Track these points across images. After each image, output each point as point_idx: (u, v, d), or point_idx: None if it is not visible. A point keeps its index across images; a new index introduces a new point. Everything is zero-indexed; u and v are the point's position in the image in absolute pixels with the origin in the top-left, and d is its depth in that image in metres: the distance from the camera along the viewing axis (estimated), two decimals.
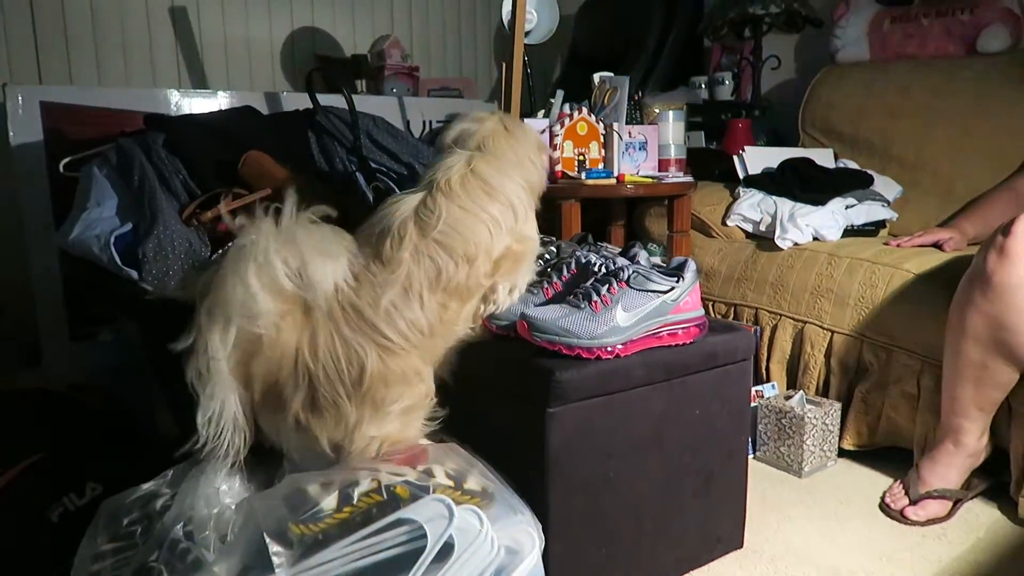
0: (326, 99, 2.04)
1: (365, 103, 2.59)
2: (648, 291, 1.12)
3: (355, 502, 0.85)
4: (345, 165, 1.82)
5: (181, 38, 2.85)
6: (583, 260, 1.19)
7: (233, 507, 0.90)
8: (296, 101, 2.52)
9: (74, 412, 1.49)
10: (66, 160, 1.74)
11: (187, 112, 2.42)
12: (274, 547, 0.80)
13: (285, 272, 0.97)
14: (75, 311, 2.27)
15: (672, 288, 1.14)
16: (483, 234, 1.08)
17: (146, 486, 0.97)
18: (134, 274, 1.38)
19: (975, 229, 1.79)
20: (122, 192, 1.56)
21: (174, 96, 2.44)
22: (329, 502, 0.86)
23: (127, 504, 0.95)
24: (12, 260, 2.36)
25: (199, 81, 2.89)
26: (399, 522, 0.82)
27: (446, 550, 0.83)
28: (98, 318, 2.24)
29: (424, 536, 0.82)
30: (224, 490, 0.92)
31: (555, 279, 1.19)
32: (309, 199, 1.52)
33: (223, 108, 2.45)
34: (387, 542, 0.82)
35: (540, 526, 0.96)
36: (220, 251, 1.46)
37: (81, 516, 1.26)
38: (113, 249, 1.40)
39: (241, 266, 0.96)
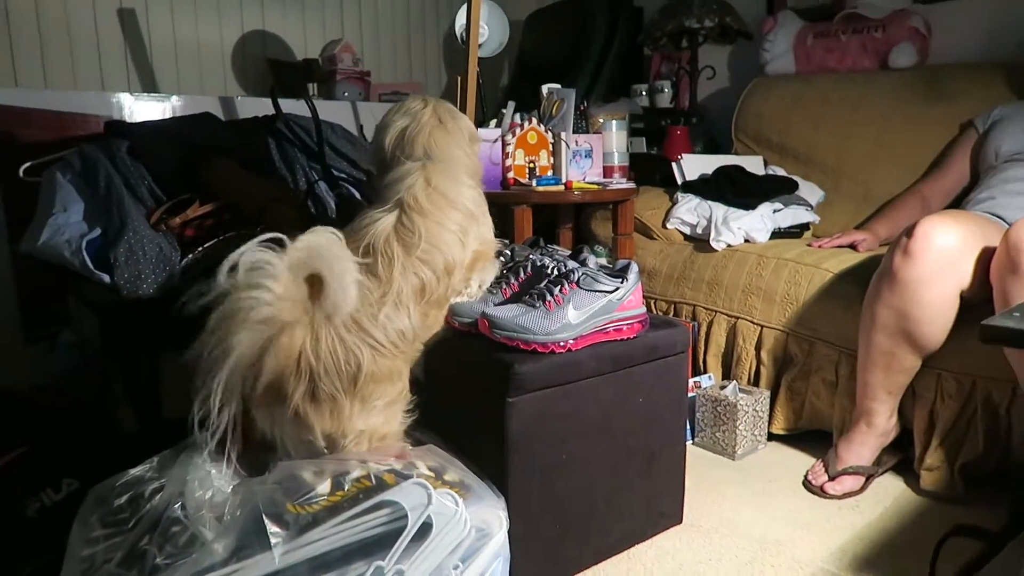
0: (283, 105, 2.09)
1: (317, 107, 2.65)
2: (596, 291, 1.24)
3: (346, 488, 0.94)
4: (306, 172, 1.89)
5: (130, 40, 2.84)
6: (538, 264, 1.30)
7: (228, 489, 0.98)
8: (251, 105, 2.56)
9: (44, 411, 1.53)
10: (27, 165, 1.76)
11: (140, 116, 2.43)
12: (272, 527, 0.88)
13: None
14: (30, 314, 2.27)
15: (617, 288, 1.27)
16: (456, 246, 1.19)
17: (134, 471, 1.03)
18: (106, 278, 1.44)
19: (886, 230, 1.98)
20: (88, 197, 1.60)
21: (127, 100, 2.45)
22: (323, 487, 0.95)
23: (116, 488, 1.01)
24: None
25: (149, 84, 2.89)
26: (382, 504, 0.92)
27: (424, 530, 0.93)
28: (53, 320, 2.25)
29: (405, 517, 0.92)
30: (215, 474, 1.00)
31: (512, 280, 1.30)
32: (275, 207, 1.60)
33: (179, 114, 2.48)
34: (371, 522, 0.91)
35: (506, 509, 1.07)
36: (190, 255, 1.52)
37: (58, 511, 1.31)
38: (85, 254, 1.45)
39: (267, 282, 1.01)
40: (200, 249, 1.50)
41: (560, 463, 1.25)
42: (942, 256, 1.40)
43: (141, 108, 2.48)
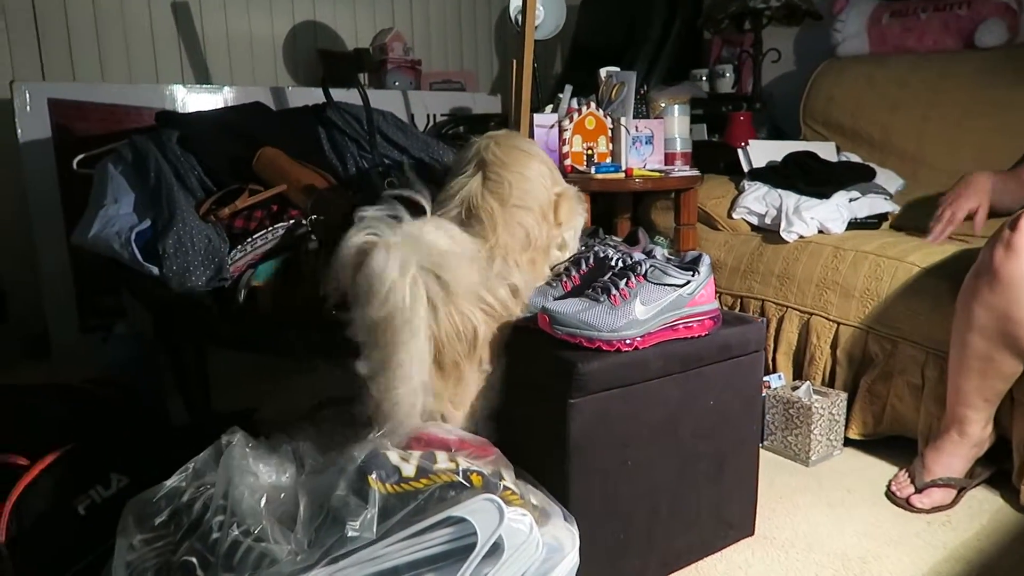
0: (334, 94, 2.05)
1: (368, 96, 2.61)
2: (665, 285, 1.15)
3: (432, 474, 0.88)
4: (356, 161, 1.84)
5: (183, 33, 2.85)
6: (601, 255, 1.22)
7: (281, 483, 0.93)
8: (302, 95, 2.53)
9: (95, 405, 1.51)
10: (80, 157, 1.75)
11: (193, 107, 2.43)
12: (350, 523, 0.82)
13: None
14: (86, 305, 2.28)
15: (688, 282, 1.17)
16: (541, 190, 1.21)
17: (169, 482, 0.99)
18: (155, 270, 1.40)
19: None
20: (138, 189, 1.58)
21: (179, 92, 2.45)
22: (408, 469, 0.88)
23: (154, 503, 0.96)
24: (22, 255, 2.37)
25: (202, 76, 2.89)
26: (450, 520, 0.85)
27: (494, 549, 0.86)
28: (108, 311, 2.26)
29: (474, 534, 0.85)
30: (264, 473, 0.95)
31: (573, 272, 1.22)
32: (324, 196, 1.55)
33: (231, 104, 2.47)
34: (439, 538, 0.84)
35: (576, 525, 0.99)
36: (239, 245, 1.48)
37: (107, 507, 1.28)
38: (134, 246, 1.42)
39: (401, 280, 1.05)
40: (248, 240, 1.45)
41: (623, 468, 1.16)
42: None
43: (194, 99, 2.48)
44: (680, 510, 1.25)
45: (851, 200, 1.97)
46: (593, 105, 1.90)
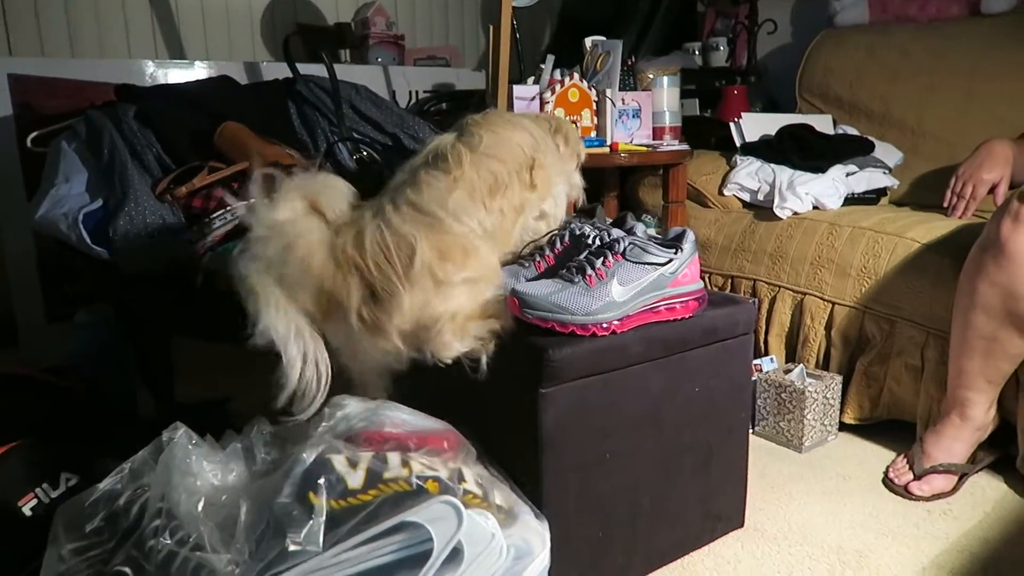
0: (309, 69, 1.96)
1: (349, 72, 2.50)
2: (645, 264, 1.06)
3: (382, 484, 0.80)
4: (327, 136, 1.74)
5: (156, 6, 2.74)
6: (576, 232, 1.13)
7: (223, 484, 0.85)
8: (276, 71, 2.43)
9: (48, 397, 1.43)
10: (34, 134, 1.66)
11: (163, 83, 2.33)
12: (291, 535, 0.74)
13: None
14: (52, 291, 2.20)
15: (670, 260, 1.08)
16: (516, 148, 1.16)
17: (103, 484, 0.90)
18: (104, 253, 1.32)
19: None
20: (91, 167, 1.49)
21: (149, 67, 2.36)
22: (355, 480, 0.80)
23: (87, 507, 0.88)
24: None
25: (176, 51, 2.78)
26: (405, 525, 0.77)
27: (454, 556, 0.78)
28: (76, 298, 2.17)
29: (430, 540, 0.77)
30: (208, 473, 0.87)
31: (547, 252, 1.13)
32: (289, 172, 1.45)
33: (199, 78, 2.37)
34: (392, 545, 0.76)
35: (547, 525, 0.91)
36: (196, 226, 1.39)
37: (55, 509, 1.20)
38: (82, 227, 1.33)
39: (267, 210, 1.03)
40: (205, 220, 1.36)
41: (602, 461, 1.08)
42: None
43: (165, 74, 2.38)
44: (664, 504, 1.17)
45: (848, 174, 1.88)
46: (577, 76, 1.81)
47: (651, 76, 1.97)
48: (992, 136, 1.79)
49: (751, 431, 1.64)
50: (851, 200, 1.87)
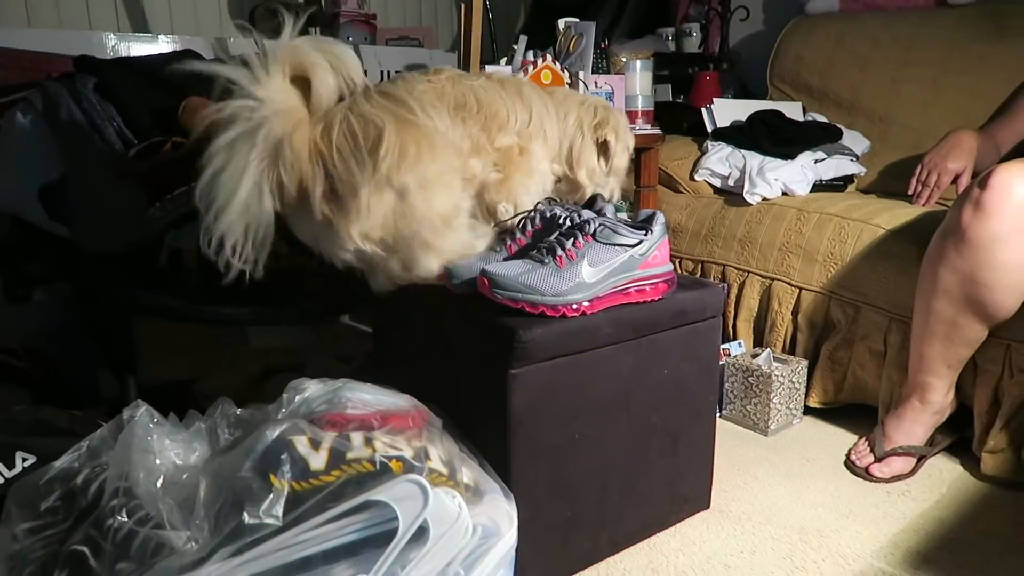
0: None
1: None
2: (615, 245, 1.06)
3: (344, 464, 0.78)
4: None
5: None
6: (548, 214, 1.12)
7: (185, 462, 0.83)
8: (244, 47, 2.38)
9: (5, 377, 1.39)
10: None
11: (124, 56, 2.26)
12: (249, 509, 0.73)
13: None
14: (8, 270, 2.13)
15: (640, 242, 1.09)
16: (502, 111, 1.16)
17: (59, 463, 0.88)
18: (63, 229, 1.28)
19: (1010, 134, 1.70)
20: (49, 141, 1.44)
21: (111, 39, 2.29)
22: (317, 461, 0.79)
23: (41, 487, 0.86)
24: None
25: (139, 24, 2.70)
26: (370, 504, 0.76)
27: (419, 535, 0.77)
28: (34, 277, 2.11)
29: (396, 519, 0.76)
30: (170, 451, 0.85)
31: (519, 235, 1.13)
32: None
33: (162, 52, 2.31)
34: (359, 523, 0.75)
35: (515, 504, 0.91)
36: (158, 203, 1.36)
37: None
38: (39, 203, 1.29)
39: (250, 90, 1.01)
40: (168, 198, 1.33)
41: (571, 443, 1.08)
42: (1022, 211, 1.20)
43: (126, 47, 2.31)
44: (632, 486, 1.18)
45: (816, 161, 1.90)
46: (550, 58, 1.79)
47: (624, 60, 1.97)
48: (957, 125, 1.82)
49: (719, 414, 1.66)
50: (819, 187, 1.89)
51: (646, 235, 1.09)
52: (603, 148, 1.35)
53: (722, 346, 1.70)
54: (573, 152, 1.31)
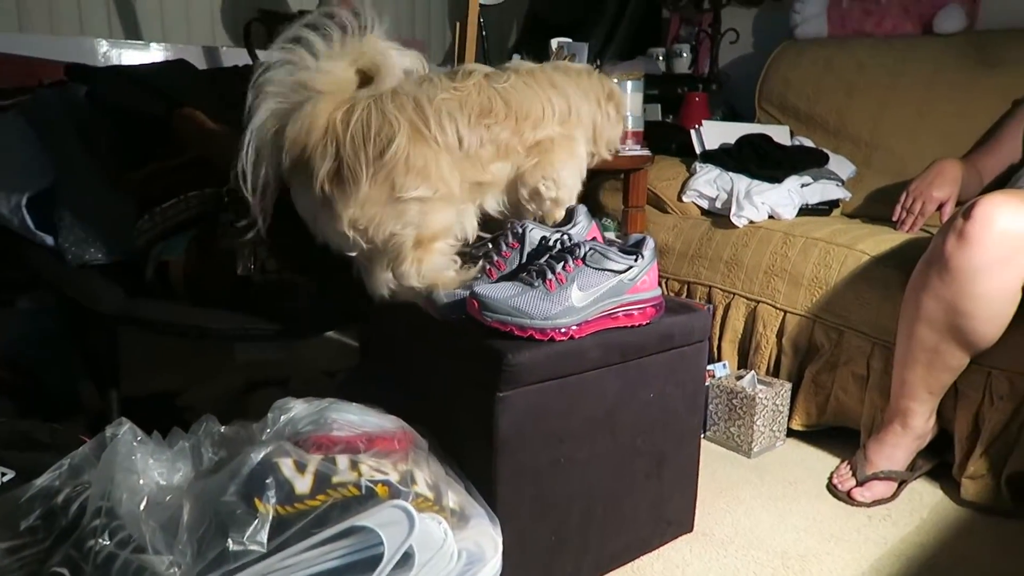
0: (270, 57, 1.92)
1: None
2: (605, 270, 1.07)
3: (330, 489, 0.78)
4: None
5: None
6: (519, 230, 1.13)
7: (169, 483, 0.82)
8: (236, 56, 2.38)
9: None
10: None
11: (116, 64, 2.26)
12: (233, 535, 0.72)
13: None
14: None
15: (630, 267, 1.09)
16: (536, 108, 1.18)
17: (40, 481, 0.87)
18: (49, 239, 1.27)
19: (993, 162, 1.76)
20: (38, 149, 1.43)
21: (102, 46, 2.28)
22: (302, 485, 0.78)
23: (21, 504, 0.85)
24: None
25: (131, 31, 2.69)
26: (355, 529, 0.76)
27: (404, 560, 0.77)
28: (15, 284, 2.09)
29: (381, 544, 0.76)
30: (153, 471, 0.84)
31: (496, 257, 1.13)
32: None
33: (155, 61, 2.31)
34: (344, 548, 0.75)
35: (500, 528, 0.91)
36: (147, 215, 1.35)
37: None
38: (26, 212, 1.28)
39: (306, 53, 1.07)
40: (158, 209, 1.32)
41: (557, 466, 1.08)
42: (1005, 242, 1.22)
43: (119, 55, 2.30)
44: (617, 509, 1.18)
45: (803, 185, 1.92)
46: None
47: (615, 80, 1.98)
48: (941, 153, 1.86)
49: (702, 436, 1.67)
50: (805, 211, 1.91)
51: (636, 260, 1.09)
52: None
53: (707, 367, 1.71)
54: (596, 129, 1.32)
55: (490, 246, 1.17)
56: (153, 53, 2.36)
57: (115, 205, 1.33)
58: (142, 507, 0.80)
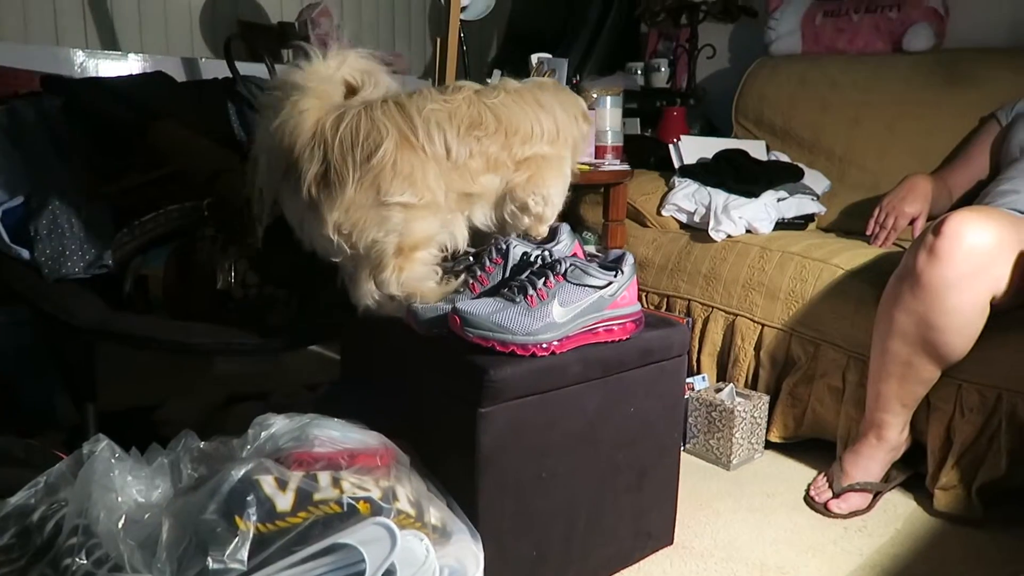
0: (250, 68, 1.91)
1: (277, 71, 2.46)
2: (585, 286, 1.08)
3: (311, 506, 0.78)
4: None
5: None
6: (503, 246, 1.14)
7: (148, 511, 0.81)
8: (215, 69, 2.37)
9: None
10: None
11: (92, 74, 2.24)
12: (213, 553, 0.71)
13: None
14: None
15: (610, 283, 1.11)
16: (526, 125, 1.19)
17: (14, 499, 0.85)
18: (25, 253, 1.26)
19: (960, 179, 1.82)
20: (13, 161, 1.41)
21: (79, 56, 2.26)
22: (283, 503, 0.78)
23: None
24: None
25: (108, 42, 2.67)
26: (338, 547, 0.75)
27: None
28: None
29: (363, 562, 0.76)
30: (132, 488, 0.83)
31: (479, 273, 1.14)
32: (227, 178, 1.42)
33: (133, 73, 2.29)
34: (322, 568, 0.75)
35: (481, 543, 0.91)
36: (126, 228, 1.34)
37: None
38: (0, 225, 1.26)
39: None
40: (136, 223, 1.31)
41: (538, 480, 1.09)
42: (974, 257, 1.25)
43: (96, 66, 2.28)
44: (598, 522, 1.19)
45: (779, 200, 1.95)
46: None
47: (595, 95, 2.00)
48: (911, 168, 1.90)
49: (682, 448, 1.68)
50: (781, 225, 1.94)
51: (615, 276, 1.11)
52: None
53: (687, 380, 1.73)
54: (575, 147, 1.33)
55: (473, 261, 1.17)
56: (131, 64, 2.34)
57: (92, 218, 1.31)
58: (120, 525, 0.79)
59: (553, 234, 1.25)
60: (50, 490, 0.88)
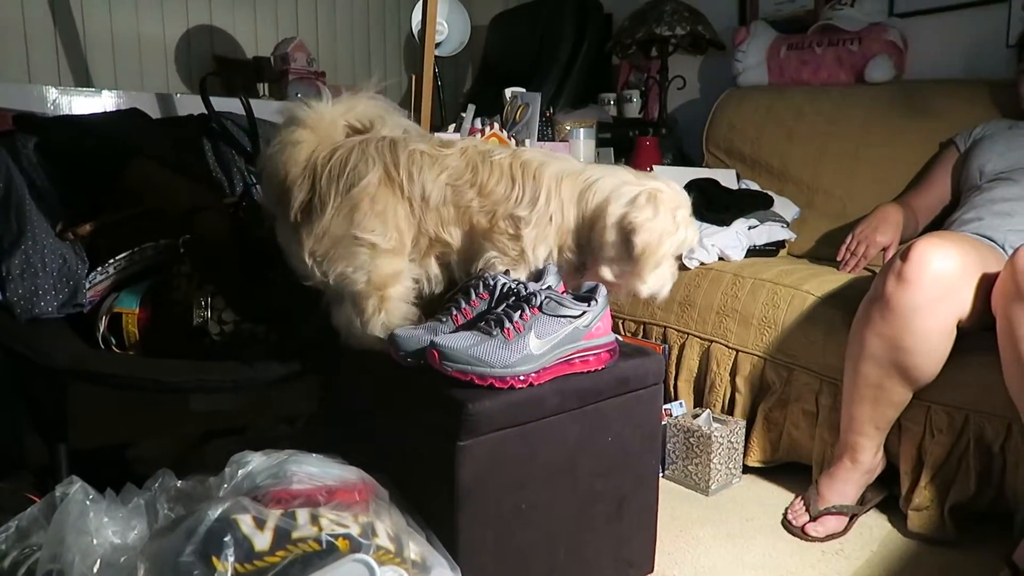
0: (225, 103, 1.92)
1: (267, 107, 2.46)
2: (560, 317, 1.10)
3: (290, 544, 0.77)
4: (244, 175, 1.71)
5: (62, 29, 2.62)
6: (490, 282, 1.15)
7: (125, 554, 0.80)
8: (190, 104, 2.36)
9: None
10: None
11: (66, 112, 2.23)
12: None
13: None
14: None
15: (584, 313, 1.12)
16: (498, 190, 1.18)
17: None
18: None
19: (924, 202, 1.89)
20: None
21: (51, 93, 2.24)
22: (262, 541, 0.78)
23: None
24: None
25: (82, 78, 2.67)
26: None
27: None
28: None
29: None
30: (107, 531, 0.82)
31: (464, 305, 1.15)
32: (202, 216, 1.42)
33: (107, 110, 2.28)
34: None
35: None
36: (100, 267, 1.33)
37: None
38: None
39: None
40: (111, 261, 1.31)
41: (518, 512, 1.09)
42: (940, 282, 1.29)
43: (70, 103, 2.27)
44: (579, 552, 1.19)
45: (750, 227, 2.00)
46: (497, 126, 1.85)
47: (568, 128, 2.05)
48: (876, 194, 1.96)
49: (661, 475, 1.69)
50: (753, 252, 1.98)
51: (590, 306, 1.12)
52: None
53: (664, 407, 1.74)
54: (562, 228, 1.23)
55: (458, 293, 1.18)
56: (105, 100, 2.33)
57: (66, 257, 1.30)
58: (95, 570, 0.78)
59: (539, 275, 1.24)
60: (22, 535, 0.86)
